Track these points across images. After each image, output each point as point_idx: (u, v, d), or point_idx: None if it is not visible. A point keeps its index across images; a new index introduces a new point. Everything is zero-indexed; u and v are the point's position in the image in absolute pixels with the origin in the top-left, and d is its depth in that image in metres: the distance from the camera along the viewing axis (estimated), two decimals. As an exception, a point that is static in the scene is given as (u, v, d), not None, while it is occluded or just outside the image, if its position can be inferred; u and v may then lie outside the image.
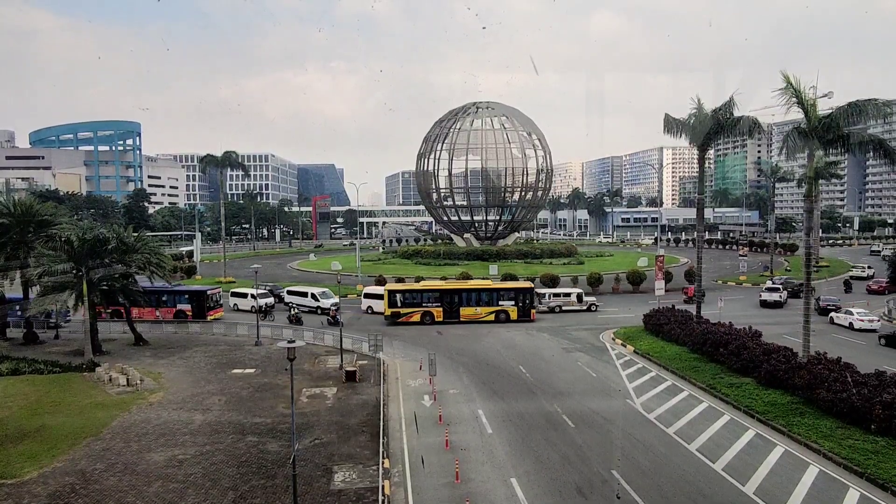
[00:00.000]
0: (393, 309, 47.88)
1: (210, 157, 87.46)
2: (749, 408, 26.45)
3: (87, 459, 22.09)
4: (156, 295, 50.36)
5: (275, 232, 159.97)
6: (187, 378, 32.89)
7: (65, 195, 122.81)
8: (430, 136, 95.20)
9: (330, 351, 38.41)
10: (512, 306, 48.30)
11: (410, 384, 31.79)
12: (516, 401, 28.73)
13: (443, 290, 49.29)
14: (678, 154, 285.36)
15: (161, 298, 50.43)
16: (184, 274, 75.33)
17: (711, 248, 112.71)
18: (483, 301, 48.62)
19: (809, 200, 32.95)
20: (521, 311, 48.26)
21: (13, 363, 34.41)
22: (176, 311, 49.96)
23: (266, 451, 22.74)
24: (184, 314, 49.67)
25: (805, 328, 30.08)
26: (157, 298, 50.26)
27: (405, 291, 49.71)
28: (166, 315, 49.91)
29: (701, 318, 38.27)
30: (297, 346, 19.13)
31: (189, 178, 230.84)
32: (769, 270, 74.40)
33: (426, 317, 47.82)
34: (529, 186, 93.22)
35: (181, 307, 50.17)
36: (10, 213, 40.36)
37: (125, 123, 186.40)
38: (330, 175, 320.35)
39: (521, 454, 22.43)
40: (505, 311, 48.05)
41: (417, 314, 47.81)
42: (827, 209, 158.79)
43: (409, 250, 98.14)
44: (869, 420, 22.85)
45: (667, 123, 38.79)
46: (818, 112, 29.11)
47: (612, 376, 32.75)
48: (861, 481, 19.72)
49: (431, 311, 47.95)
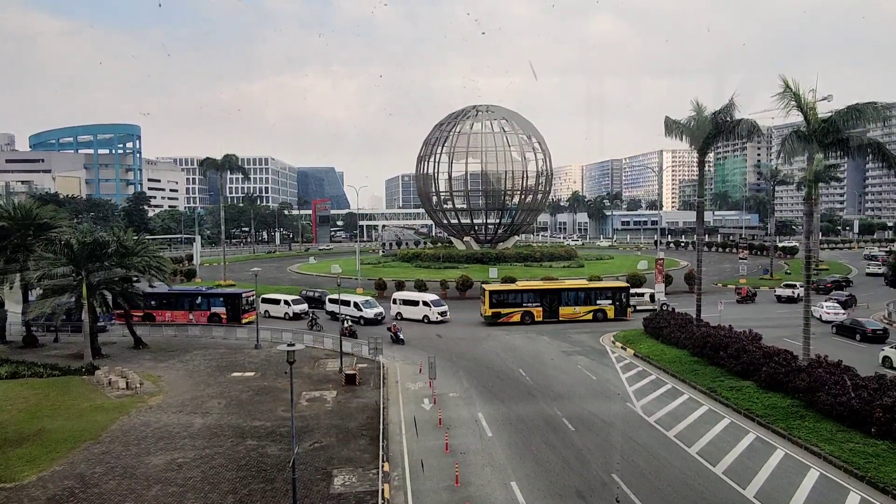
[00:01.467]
0: (494, 309, 48.12)
1: (210, 161, 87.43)
2: (749, 411, 26.42)
3: (86, 463, 22.04)
4: (189, 298, 50.35)
5: (274, 235, 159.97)
6: (187, 381, 32.84)
7: (65, 198, 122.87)
8: (430, 139, 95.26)
9: (329, 354, 38.37)
10: (609, 305, 49.26)
11: (410, 387, 31.75)
12: (516, 404, 28.69)
13: (543, 291, 50.10)
14: (678, 157, 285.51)
15: (194, 301, 49.85)
16: (183, 277, 75.39)
17: (711, 251, 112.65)
18: (581, 300, 49.43)
19: (809, 203, 32.93)
20: (618, 309, 49.23)
21: (12, 366, 34.36)
22: (210, 315, 48.96)
23: (265, 454, 22.70)
24: (218, 317, 48.70)
25: (805, 331, 30.06)
26: (191, 301, 49.88)
27: (507, 292, 50.08)
28: (199, 318, 48.76)
29: (701, 321, 38.25)
30: (296, 349, 19.09)
31: (189, 182, 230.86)
32: (769, 273, 74.40)
33: (526, 317, 48.23)
34: (529, 190, 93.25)
35: (216, 310, 49.18)
36: (10, 216, 40.35)
37: (125, 127, 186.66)
38: (330, 178, 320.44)
39: (521, 457, 22.39)
40: (602, 311, 48.79)
41: (518, 314, 48.19)
42: (827, 212, 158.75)
43: (409, 253, 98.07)
44: (869, 423, 22.82)
45: (667, 126, 38.83)
46: (818, 115, 29.14)
47: (612, 379, 32.72)
48: (862, 485, 19.68)
49: (532, 311, 48.44)
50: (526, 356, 37.92)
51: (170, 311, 49.73)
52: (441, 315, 49.32)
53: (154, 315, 49.21)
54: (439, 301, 51.44)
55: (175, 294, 51.21)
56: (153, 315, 49.14)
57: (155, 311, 49.48)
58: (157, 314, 49.46)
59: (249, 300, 50.45)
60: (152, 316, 49.02)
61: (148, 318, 48.44)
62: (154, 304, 49.77)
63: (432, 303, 50.17)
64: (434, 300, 50.89)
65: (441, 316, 49.29)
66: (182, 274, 75.44)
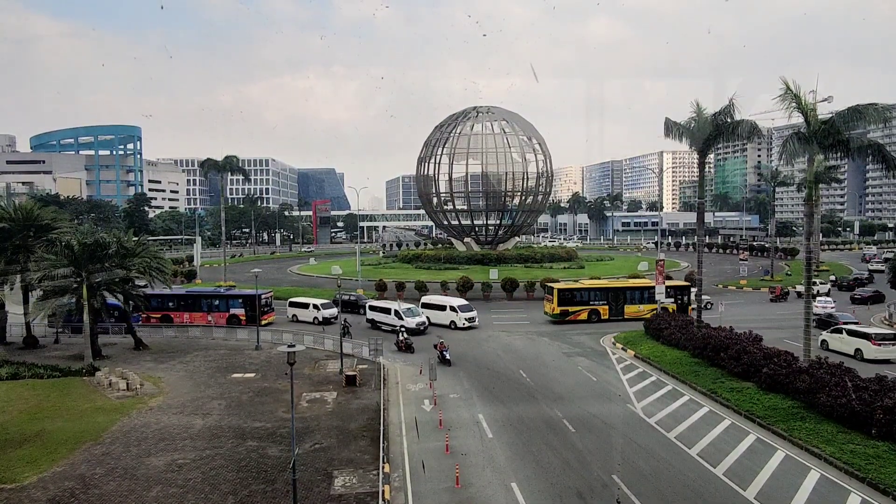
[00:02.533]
0: (562, 307, 48.38)
1: (211, 162, 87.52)
2: (750, 412, 26.40)
3: (86, 464, 22.05)
4: (208, 299, 50.14)
5: (275, 236, 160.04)
6: (187, 382, 32.85)
7: (65, 199, 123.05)
8: (430, 140, 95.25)
9: (330, 355, 38.36)
10: (672, 303, 49.72)
11: (411, 388, 31.74)
12: (517, 405, 28.68)
13: (610, 289, 50.51)
14: (678, 158, 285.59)
15: (213, 303, 49.54)
16: (184, 278, 75.40)
17: (712, 252, 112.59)
18: (645, 299, 49.83)
19: (810, 205, 32.94)
20: (680, 307, 49.96)
21: (13, 367, 34.35)
22: (229, 316, 48.63)
23: (266, 455, 22.70)
24: (237, 319, 48.29)
25: (805, 332, 30.07)
26: (209, 303, 49.66)
27: (575, 290, 50.43)
28: (219, 320, 48.31)
29: (701, 323, 38.23)
30: (297, 350, 19.11)
31: (190, 183, 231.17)
32: (769, 275, 74.39)
33: (593, 315, 48.57)
34: (530, 191, 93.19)
35: (234, 311, 48.75)
36: (11, 217, 40.41)
37: (126, 128, 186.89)
38: (330, 179, 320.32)
39: (521, 459, 22.38)
40: (665, 309, 48.90)
41: (585, 312, 48.67)
42: (827, 213, 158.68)
43: (410, 254, 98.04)
44: (870, 425, 22.79)
45: (667, 127, 38.84)
46: (818, 117, 29.14)
47: (612, 381, 32.70)
48: (862, 486, 19.67)
49: (598, 310, 48.89)
50: (527, 357, 37.90)
51: (188, 312, 49.48)
52: (469, 321, 46.73)
53: (172, 316, 49.11)
54: (468, 306, 48.55)
55: (194, 295, 51.13)
56: (171, 316, 49.07)
57: (173, 313, 49.36)
58: (175, 315, 49.29)
59: (269, 301, 50.15)
60: (170, 317, 48.94)
61: (166, 319, 48.40)
62: (172, 306, 49.78)
63: (459, 308, 47.57)
64: (461, 305, 48.25)
65: (469, 322, 46.69)
66: (183, 275, 75.44)
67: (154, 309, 48.78)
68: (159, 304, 49.57)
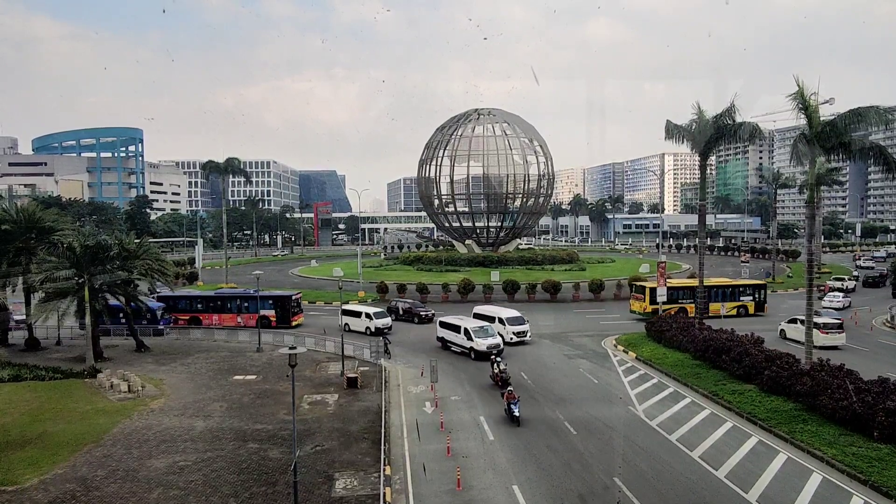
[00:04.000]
0: (654, 305, 48.72)
1: (212, 164, 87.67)
2: (751, 414, 26.35)
3: (87, 466, 22.05)
4: (237, 300, 49.81)
5: (276, 238, 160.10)
6: (189, 384, 32.85)
7: (67, 202, 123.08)
8: (431, 142, 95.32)
9: (331, 357, 38.35)
10: (750, 301, 51.74)
11: (412, 391, 31.72)
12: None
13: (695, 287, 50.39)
14: (679, 160, 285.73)
15: (243, 304, 49.13)
16: (185, 280, 75.44)
17: (713, 254, 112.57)
18: (728, 297, 51.60)
19: (811, 207, 32.89)
20: (757, 305, 51.91)
21: (14, 369, 34.38)
22: (259, 318, 47.13)
23: (267, 457, 22.69)
24: (267, 320, 47.20)
25: (807, 334, 30.03)
26: (239, 304, 49.35)
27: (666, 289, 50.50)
28: (248, 321, 47.45)
29: (703, 325, 38.18)
30: (298, 352, 19.13)
31: (191, 185, 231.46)
32: (771, 277, 74.29)
33: (681, 312, 48.70)
34: (531, 193, 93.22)
35: (264, 313, 47.44)
36: (13, 219, 40.47)
37: (127, 130, 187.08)
38: (332, 182, 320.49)
39: (522, 461, 22.35)
40: (744, 306, 50.96)
41: (673, 310, 49.02)
42: (829, 215, 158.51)
43: (411, 256, 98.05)
44: (872, 427, 22.75)
45: (668, 129, 38.86)
46: (820, 118, 29.11)
47: (613, 383, 32.67)
48: (864, 489, 19.62)
49: (686, 308, 49.26)
50: (528, 359, 37.85)
51: (217, 314, 49.18)
52: (518, 335, 41.29)
53: (200, 318, 48.92)
54: (519, 318, 42.65)
55: (223, 297, 50.87)
56: (199, 318, 48.89)
57: (202, 315, 49.16)
58: (204, 317, 49.08)
59: (298, 302, 49.97)
60: (199, 319, 48.75)
61: (194, 321, 48.24)
62: (201, 307, 49.69)
63: (508, 320, 41.96)
64: (511, 317, 42.41)
65: (518, 336, 41.27)
66: (184, 277, 75.47)
67: (182, 311, 48.71)
68: (187, 305, 49.49)
